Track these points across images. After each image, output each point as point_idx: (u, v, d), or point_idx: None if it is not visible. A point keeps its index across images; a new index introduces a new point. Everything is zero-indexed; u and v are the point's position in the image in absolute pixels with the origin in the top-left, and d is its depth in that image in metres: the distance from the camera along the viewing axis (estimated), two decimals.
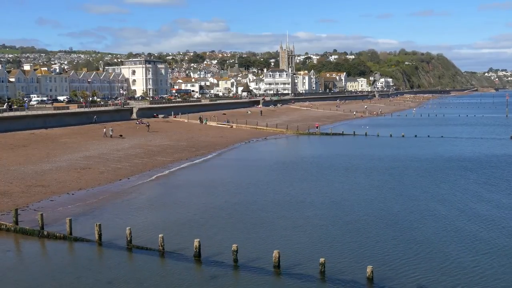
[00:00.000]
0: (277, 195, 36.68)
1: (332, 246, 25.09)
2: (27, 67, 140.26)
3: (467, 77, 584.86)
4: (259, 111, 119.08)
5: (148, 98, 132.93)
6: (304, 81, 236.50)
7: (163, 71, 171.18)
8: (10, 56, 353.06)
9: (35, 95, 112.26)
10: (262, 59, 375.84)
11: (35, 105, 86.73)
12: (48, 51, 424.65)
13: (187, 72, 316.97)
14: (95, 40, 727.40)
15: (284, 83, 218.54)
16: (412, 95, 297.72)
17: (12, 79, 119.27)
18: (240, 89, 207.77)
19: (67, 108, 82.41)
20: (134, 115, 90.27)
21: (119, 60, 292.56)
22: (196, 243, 23.30)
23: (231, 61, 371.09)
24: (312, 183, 41.60)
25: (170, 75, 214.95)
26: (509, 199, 35.28)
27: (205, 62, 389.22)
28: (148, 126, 75.23)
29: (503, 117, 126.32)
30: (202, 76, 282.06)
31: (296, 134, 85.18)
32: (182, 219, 30.24)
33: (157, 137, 68.82)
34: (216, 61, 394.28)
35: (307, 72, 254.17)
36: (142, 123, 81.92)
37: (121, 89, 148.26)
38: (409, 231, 27.48)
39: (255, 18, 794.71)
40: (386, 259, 23.15)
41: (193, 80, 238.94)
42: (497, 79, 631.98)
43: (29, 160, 46.91)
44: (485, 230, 27.71)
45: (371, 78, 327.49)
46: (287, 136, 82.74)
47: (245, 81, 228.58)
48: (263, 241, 25.83)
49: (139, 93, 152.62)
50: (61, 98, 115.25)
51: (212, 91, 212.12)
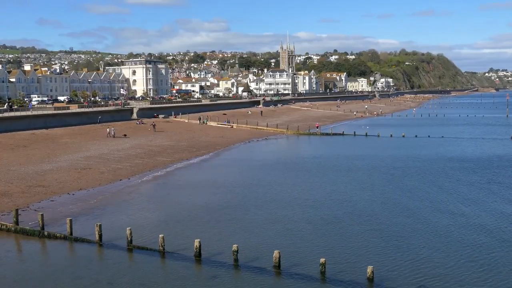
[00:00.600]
0: (278, 195, 36.66)
1: (332, 246, 25.07)
2: (27, 67, 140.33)
3: (467, 77, 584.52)
4: (260, 111, 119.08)
5: (148, 98, 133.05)
6: (305, 81, 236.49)
7: (163, 71, 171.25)
8: (10, 56, 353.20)
9: (36, 95, 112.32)
10: (262, 59, 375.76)
11: (35, 105, 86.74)
12: (49, 51, 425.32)
13: (187, 72, 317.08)
14: (95, 40, 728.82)
15: (285, 83, 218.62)
16: (412, 95, 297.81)
17: (13, 79, 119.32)
18: (241, 89, 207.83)
19: (67, 108, 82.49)
20: (135, 115, 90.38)
21: (120, 60, 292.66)
22: (197, 243, 23.31)
23: (232, 61, 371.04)
24: (313, 183, 41.59)
25: (170, 75, 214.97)
26: None
27: (206, 62, 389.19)
28: (154, 126, 76.06)
29: (504, 117, 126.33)
30: (202, 76, 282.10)
31: (296, 134, 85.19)
32: (182, 219, 30.24)
33: (157, 137, 68.86)
34: (217, 61, 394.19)
35: (307, 72, 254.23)
36: (143, 123, 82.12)
37: (121, 89, 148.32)
38: (409, 231, 27.46)
39: (256, 18, 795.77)
40: (387, 259, 23.14)
41: (193, 80, 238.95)
42: (497, 79, 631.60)
43: (30, 160, 46.92)
44: (487, 231, 27.66)
45: (372, 78, 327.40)
46: (287, 136, 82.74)
47: (246, 81, 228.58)
48: (264, 241, 25.82)
49: (139, 93, 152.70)
50: (61, 98, 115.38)
51: (213, 91, 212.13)
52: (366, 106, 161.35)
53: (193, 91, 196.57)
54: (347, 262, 22.75)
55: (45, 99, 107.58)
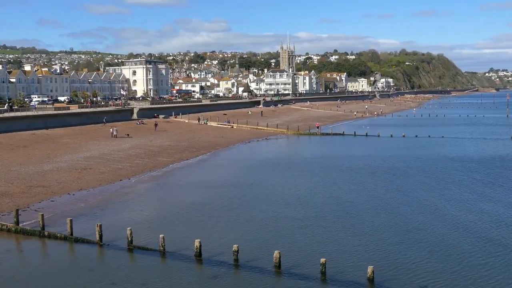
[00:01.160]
0: (278, 195, 36.65)
1: (333, 246, 25.07)
2: (27, 67, 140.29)
3: (467, 77, 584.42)
4: (260, 111, 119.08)
5: (148, 98, 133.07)
6: (305, 81, 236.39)
7: (163, 71, 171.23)
8: (11, 56, 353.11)
9: (36, 96, 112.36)
10: (262, 60, 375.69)
11: (35, 106, 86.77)
12: (49, 51, 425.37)
13: (187, 72, 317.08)
14: (96, 40, 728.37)
15: (285, 84, 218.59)
16: (412, 95, 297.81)
17: (13, 80, 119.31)
18: (241, 89, 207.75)
19: (67, 108, 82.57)
20: (135, 116, 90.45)
21: (120, 60, 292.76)
22: (197, 243, 23.31)
23: (232, 61, 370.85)
24: (313, 183, 41.56)
25: (170, 76, 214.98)
26: None
27: (206, 62, 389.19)
28: (156, 125, 77.28)
29: (504, 117, 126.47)
30: (202, 76, 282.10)
31: (296, 135, 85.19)
32: (183, 219, 30.24)
33: (157, 137, 68.89)
34: (217, 61, 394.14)
35: (307, 72, 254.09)
36: (143, 123, 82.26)
37: (121, 89, 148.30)
38: (410, 231, 27.46)
39: (257, 18, 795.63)
40: (387, 259, 23.14)
41: (193, 80, 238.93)
42: (497, 79, 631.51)
43: (30, 160, 46.94)
44: (489, 230, 27.66)
45: (372, 78, 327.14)
46: (287, 137, 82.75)
47: (246, 82, 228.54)
48: (264, 241, 25.83)
49: (139, 94, 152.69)
50: (61, 98, 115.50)
51: (213, 91, 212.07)
52: (366, 106, 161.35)
53: (193, 91, 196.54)
54: (347, 262, 22.75)
55: (45, 99, 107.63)
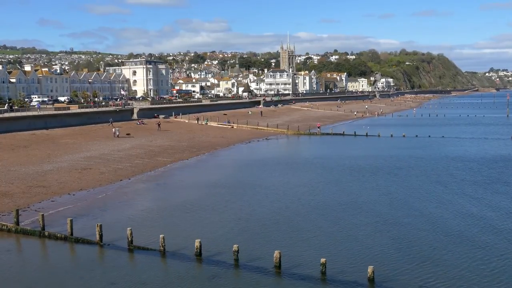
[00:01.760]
0: (279, 195, 36.65)
1: (333, 246, 25.07)
2: (28, 67, 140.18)
3: (468, 77, 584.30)
4: (260, 111, 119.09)
5: (149, 98, 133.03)
6: (305, 81, 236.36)
7: (163, 71, 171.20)
8: (11, 57, 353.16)
9: (36, 96, 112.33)
10: (262, 60, 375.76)
11: (35, 106, 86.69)
12: (49, 51, 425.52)
13: (187, 72, 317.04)
14: (96, 40, 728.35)
15: (285, 84, 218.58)
16: (413, 95, 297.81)
17: (13, 80, 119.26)
18: (241, 89, 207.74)
19: (68, 108, 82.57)
20: (135, 116, 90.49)
21: (120, 60, 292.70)
22: (197, 243, 23.31)
23: (232, 62, 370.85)
24: (314, 183, 41.53)
25: (171, 76, 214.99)
26: None
27: (206, 62, 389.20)
28: (159, 125, 77.68)
29: (504, 117, 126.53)
30: (202, 76, 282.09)
31: (297, 135, 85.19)
32: (183, 219, 30.24)
33: (158, 137, 68.90)
34: (217, 61, 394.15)
35: (307, 72, 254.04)
36: (143, 123, 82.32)
37: (122, 89, 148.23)
38: (410, 231, 27.45)
39: (257, 18, 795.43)
40: (388, 259, 23.13)
41: (193, 80, 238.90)
42: (498, 79, 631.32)
43: (30, 160, 46.95)
44: (490, 231, 27.65)
45: (372, 78, 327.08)
46: (288, 137, 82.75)
47: (246, 82, 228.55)
48: (264, 241, 25.82)
49: (139, 94, 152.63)
50: (62, 98, 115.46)
51: (213, 91, 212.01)
52: (366, 106, 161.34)
53: (193, 91, 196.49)
54: (347, 262, 22.74)
55: (46, 99, 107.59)
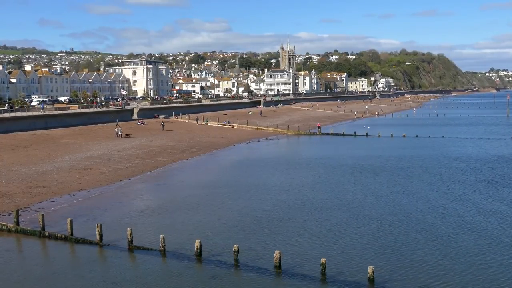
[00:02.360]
0: (279, 195, 36.64)
1: (333, 246, 25.07)
2: (28, 67, 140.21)
3: (468, 77, 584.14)
4: (260, 111, 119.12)
5: (149, 98, 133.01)
6: (305, 81, 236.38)
7: (164, 71, 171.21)
8: (11, 57, 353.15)
9: (36, 96, 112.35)
10: (263, 60, 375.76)
11: (35, 106, 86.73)
12: (49, 51, 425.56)
13: (188, 72, 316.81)
14: (96, 40, 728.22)
15: (285, 84, 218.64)
16: (413, 95, 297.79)
17: (13, 80, 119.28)
18: (241, 89, 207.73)
19: (68, 108, 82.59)
20: (135, 116, 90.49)
21: (120, 60, 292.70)
22: (197, 243, 23.31)
23: (232, 62, 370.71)
24: (315, 183, 41.53)
25: (171, 76, 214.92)
26: None
27: (206, 62, 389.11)
28: (162, 125, 78.06)
29: (504, 117, 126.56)
30: (203, 76, 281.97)
31: (297, 135, 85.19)
32: (183, 219, 30.23)
33: (158, 137, 68.91)
34: (217, 61, 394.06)
35: (308, 72, 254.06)
36: (143, 123, 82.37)
37: (122, 89, 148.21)
38: (411, 231, 27.45)
39: (257, 18, 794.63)
40: (388, 259, 23.13)
41: (194, 80, 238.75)
42: (498, 79, 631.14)
43: (30, 160, 46.95)
44: (490, 230, 27.64)
45: (372, 78, 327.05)
46: (288, 137, 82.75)
47: (246, 82, 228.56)
48: (264, 241, 25.82)
49: (140, 94, 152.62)
50: (62, 98, 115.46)
51: (213, 91, 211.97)
52: (366, 106, 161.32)
53: (193, 91, 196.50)
54: (347, 262, 22.74)
55: (46, 99, 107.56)
